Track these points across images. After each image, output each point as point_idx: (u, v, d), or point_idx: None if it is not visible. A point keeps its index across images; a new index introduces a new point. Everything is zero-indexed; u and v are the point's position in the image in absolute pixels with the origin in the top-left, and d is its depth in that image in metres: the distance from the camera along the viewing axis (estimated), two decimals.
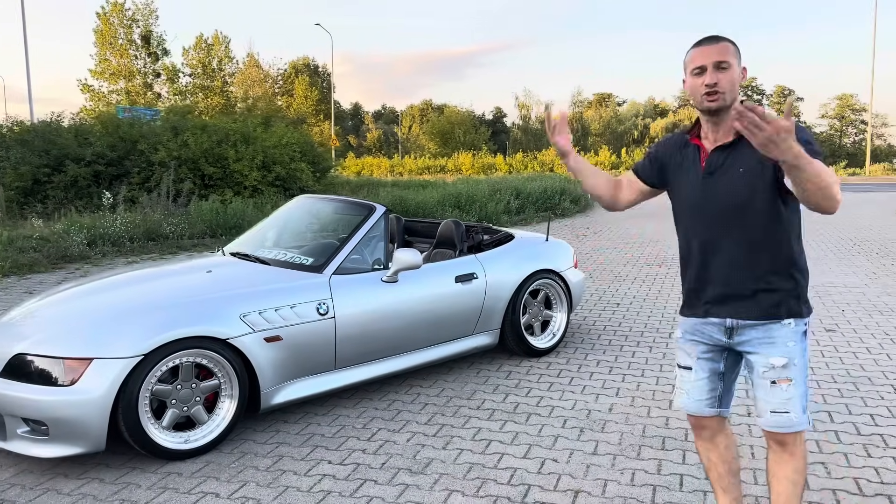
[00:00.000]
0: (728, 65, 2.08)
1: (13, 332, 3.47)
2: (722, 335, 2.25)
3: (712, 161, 2.18)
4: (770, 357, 2.15)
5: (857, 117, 72.69)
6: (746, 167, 2.11)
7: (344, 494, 3.03)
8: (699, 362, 2.32)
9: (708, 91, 2.08)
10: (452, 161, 49.51)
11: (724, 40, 2.12)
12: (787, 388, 2.13)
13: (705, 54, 2.10)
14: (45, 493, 3.09)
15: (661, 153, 2.39)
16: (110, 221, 10.62)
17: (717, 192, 2.16)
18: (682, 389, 2.39)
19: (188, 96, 44.93)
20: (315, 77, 64.15)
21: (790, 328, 2.15)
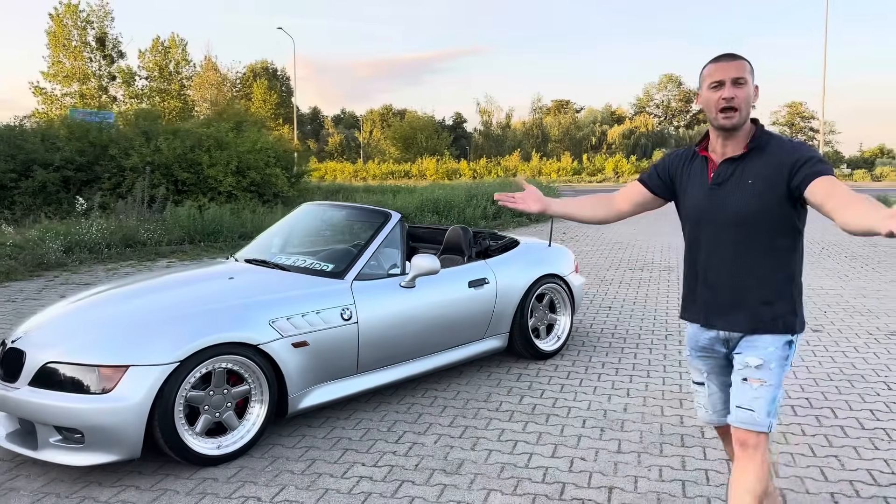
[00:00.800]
0: (745, 81, 2.13)
1: (41, 341, 3.44)
2: (722, 346, 2.31)
3: (721, 172, 2.21)
4: (747, 356, 2.19)
5: (807, 124, 75.06)
6: (756, 179, 2.13)
7: (385, 495, 3.10)
8: (709, 378, 2.40)
9: (724, 106, 2.12)
10: (416, 166, 49.63)
11: (742, 59, 2.17)
12: (757, 388, 2.16)
13: (724, 70, 2.14)
14: (81, 500, 3.08)
15: (669, 165, 2.43)
16: (85, 228, 10.44)
17: (725, 202, 2.19)
18: (700, 404, 2.48)
19: (144, 99, 44.24)
20: (274, 81, 63.65)
21: (774, 339, 2.18)
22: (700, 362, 2.40)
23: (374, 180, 41.46)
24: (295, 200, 15.29)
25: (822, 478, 3.18)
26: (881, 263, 9.29)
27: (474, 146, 70.68)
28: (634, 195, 2.53)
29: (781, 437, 3.61)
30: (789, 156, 2.10)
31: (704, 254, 2.27)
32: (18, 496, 3.13)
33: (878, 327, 5.82)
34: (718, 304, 2.25)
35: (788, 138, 2.20)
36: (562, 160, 50.34)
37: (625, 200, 2.55)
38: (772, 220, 2.13)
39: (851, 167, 51.56)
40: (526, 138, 70.23)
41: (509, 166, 48.17)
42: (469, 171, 47.22)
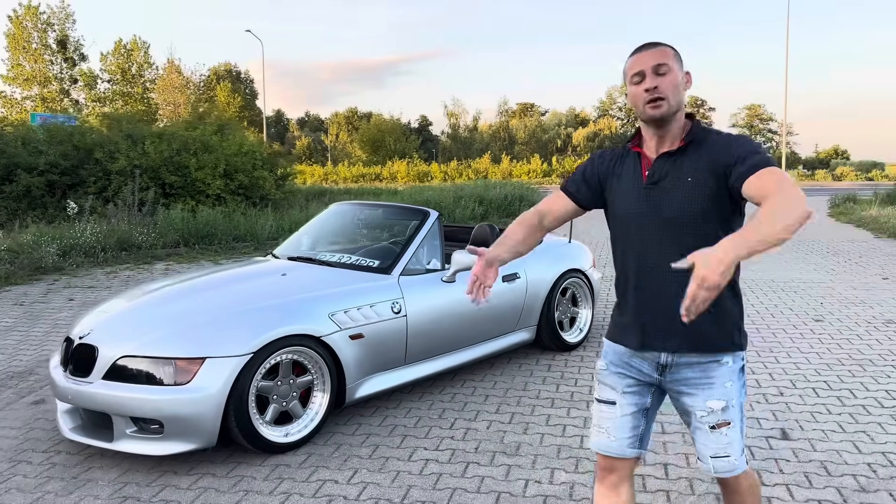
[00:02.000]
0: (668, 68, 1.92)
1: (112, 336, 3.54)
2: (653, 371, 2.05)
3: (656, 169, 1.97)
4: (708, 400, 1.98)
5: (765, 126, 77.01)
6: (695, 177, 1.91)
7: (455, 475, 3.28)
8: (624, 396, 2.09)
9: (650, 98, 1.91)
10: (387, 169, 49.74)
11: (663, 45, 1.97)
12: (727, 433, 1.99)
13: (643, 60, 1.94)
14: (163, 488, 3.20)
15: (598, 168, 2.15)
16: (79, 232, 10.38)
17: (661, 203, 1.95)
18: (601, 428, 2.12)
19: (107, 103, 43.63)
20: (237, 83, 63.17)
21: (728, 367, 1.98)
22: (616, 379, 2.10)
23: (345, 183, 41.45)
24: (281, 203, 15.33)
25: (856, 450, 3.45)
26: (862, 258, 9.74)
27: (442, 149, 71.03)
28: (558, 209, 2.20)
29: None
30: (727, 151, 1.90)
31: (639, 263, 2.02)
32: (98, 486, 3.23)
33: (874, 316, 6.17)
34: (655, 322, 2.00)
35: (724, 132, 2.00)
36: (531, 162, 50.87)
37: (551, 217, 2.20)
38: (715, 220, 1.92)
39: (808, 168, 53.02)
40: (493, 141, 70.82)
41: (480, 168, 48.55)
42: (440, 174, 47.49)
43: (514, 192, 16.70)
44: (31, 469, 3.41)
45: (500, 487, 3.14)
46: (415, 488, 3.15)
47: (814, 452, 3.43)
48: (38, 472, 3.38)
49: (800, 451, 3.45)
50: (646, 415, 2.11)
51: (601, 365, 2.16)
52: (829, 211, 17.36)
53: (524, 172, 47.05)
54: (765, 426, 3.78)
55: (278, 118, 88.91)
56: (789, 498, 2.99)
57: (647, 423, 2.13)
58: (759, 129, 77.19)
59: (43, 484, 3.25)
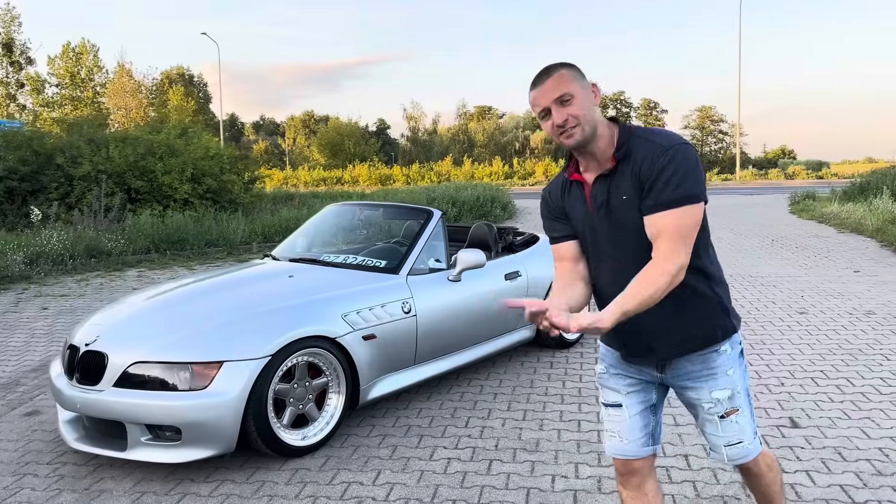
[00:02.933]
0: (570, 95, 1.86)
1: (122, 342, 3.43)
2: (653, 370, 2.06)
3: (596, 193, 1.97)
4: (713, 392, 1.99)
5: (717, 127, 78.78)
6: (628, 193, 1.91)
7: (480, 473, 3.26)
8: (629, 397, 2.09)
9: (561, 132, 1.89)
10: (348, 172, 49.41)
11: (558, 69, 1.90)
12: (737, 420, 2.00)
13: (543, 95, 1.89)
14: (183, 496, 3.12)
15: (555, 205, 2.12)
16: (45, 239, 10.06)
17: (607, 226, 1.96)
18: (612, 432, 2.12)
19: (56, 108, 42.57)
20: (190, 87, 62.10)
21: (727, 355, 1.99)
22: (618, 381, 2.11)
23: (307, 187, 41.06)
24: (250, 207, 15.10)
25: (865, 436, 3.54)
26: (830, 252, 10.03)
27: (402, 152, 70.88)
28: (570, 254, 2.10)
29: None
30: (650, 168, 1.86)
31: (604, 283, 2.02)
32: (112, 497, 3.13)
33: (854, 307, 6.36)
34: (637, 339, 2.00)
35: (651, 135, 1.92)
36: (493, 164, 51.10)
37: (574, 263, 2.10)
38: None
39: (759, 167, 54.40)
40: (453, 143, 70.93)
41: (442, 171, 48.57)
42: (402, 177, 47.37)
43: (486, 193, 16.76)
44: (38, 482, 3.29)
45: (528, 483, 3.14)
46: (442, 487, 3.13)
47: (825, 439, 3.51)
48: (46, 484, 3.26)
49: (812, 439, 3.53)
50: (654, 411, 2.12)
51: (601, 369, 2.16)
52: (791, 208, 17.84)
53: (486, 174, 47.25)
54: (773, 416, 3.86)
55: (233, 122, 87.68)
56: (811, 483, 3.05)
57: (657, 419, 2.13)
58: (711, 129, 78.94)
59: (54, 497, 3.14)
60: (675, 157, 1.84)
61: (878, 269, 8.45)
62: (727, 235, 12.42)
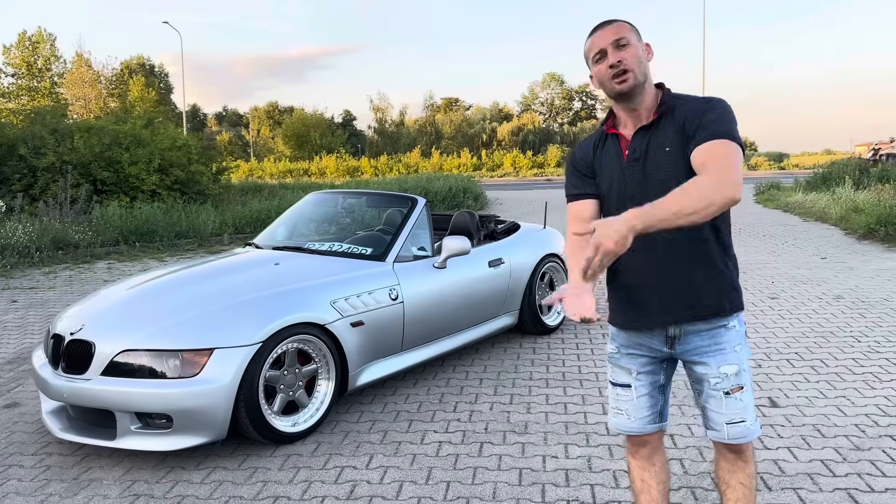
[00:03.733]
0: (627, 41, 1.93)
1: (108, 330, 3.39)
2: (663, 345, 2.06)
3: (635, 146, 1.98)
4: (721, 366, 2.00)
5: None
6: (672, 145, 1.92)
7: (472, 455, 3.30)
8: (639, 378, 2.12)
9: (614, 73, 1.92)
10: (315, 164, 49.02)
11: (618, 20, 1.99)
12: (741, 397, 2.01)
13: (601, 37, 1.96)
14: (175, 484, 3.10)
15: (583, 158, 2.13)
16: (10, 231, 9.82)
17: (645, 177, 1.96)
18: (619, 409, 2.16)
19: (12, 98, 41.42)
20: (151, 77, 60.89)
21: (735, 331, 2.02)
22: (629, 360, 2.12)
23: (272, 179, 40.61)
24: (218, 198, 14.91)
25: (841, 414, 3.66)
26: (797, 240, 10.29)
27: (369, 143, 70.50)
28: (587, 214, 2.09)
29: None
30: (696, 114, 1.90)
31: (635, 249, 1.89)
32: (103, 486, 3.10)
33: (823, 293, 6.54)
34: (652, 300, 2.00)
35: (695, 97, 2.00)
36: (461, 156, 51.17)
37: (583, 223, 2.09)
38: None
39: None
40: (420, 135, 70.78)
41: (410, 163, 48.51)
42: (371, 169, 47.17)
43: (458, 184, 16.79)
44: (25, 472, 3.24)
45: (520, 464, 3.19)
46: (436, 469, 3.16)
47: (804, 417, 3.63)
48: (33, 475, 3.22)
49: (791, 417, 3.64)
50: (661, 391, 2.15)
51: (611, 348, 2.17)
52: (756, 198, 18.20)
53: (454, 166, 47.30)
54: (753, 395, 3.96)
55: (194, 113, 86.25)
56: (794, 459, 3.15)
57: (665, 398, 2.17)
58: None
59: (42, 487, 3.10)
60: (720, 103, 1.91)
61: (844, 256, 8.69)
62: None
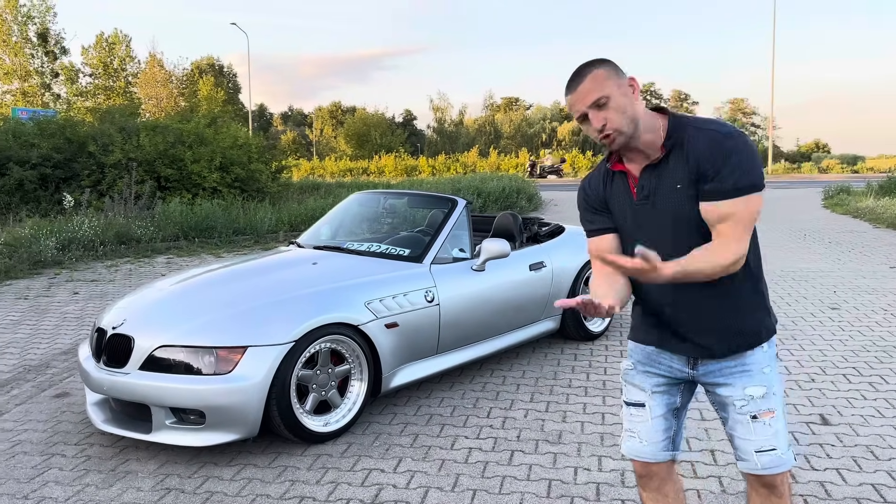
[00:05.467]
0: (605, 98, 1.78)
1: (148, 326, 3.47)
2: (684, 365, 1.95)
3: (643, 184, 1.88)
4: (747, 388, 1.87)
5: (749, 120, 77.51)
6: (682, 182, 1.82)
7: (501, 463, 3.24)
8: (654, 397, 2.01)
9: (602, 136, 1.82)
10: (374, 163, 49.55)
11: (591, 68, 1.81)
12: (771, 423, 1.87)
13: (579, 100, 1.81)
14: (206, 479, 3.14)
15: (595, 193, 2.03)
16: (77, 225, 10.22)
17: (655, 217, 1.87)
18: (633, 432, 2.04)
19: (89, 97, 43.13)
20: (220, 77, 62.59)
21: (763, 352, 1.89)
22: (644, 378, 2.02)
23: (333, 177, 41.22)
24: (277, 196, 15.20)
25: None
26: (865, 247, 9.82)
27: (428, 143, 70.87)
28: (606, 248, 2.01)
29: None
30: (711, 159, 1.77)
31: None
32: (138, 478, 3.16)
33: (889, 304, 6.21)
34: (682, 328, 1.91)
35: (705, 124, 1.85)
36: (520, 156, 50.86)
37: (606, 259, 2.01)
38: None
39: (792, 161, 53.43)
40: (479, 135, 70.71)
41: (467, 162, 48.49)
42: (428, 168, 47.37)
43: (511, 184, 16.68)
44: (66, 462, 3.34)
45: (550, 475, 3.12)
46: (463, 476, 3.12)
47: (857, 437, 3.43)
48: (73, 464, 3.31)
49: (843, 436, 3.45)
50: (676, 415, 2.04)
51: (627, 365, 2.07)
52: (824, 202, 17.50)
53: (512, 166, 47.06)
54: (803, 412, 3.78)
55: (261, 112, 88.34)
56: (842, 482, 2.98)
57: (679, 424, 2.06)
58: (743, 122, 77.71)
59: (81, 477, 3.18)
60: (738, 144, 1.77)
61: None
62: (757, 229, 12.20)
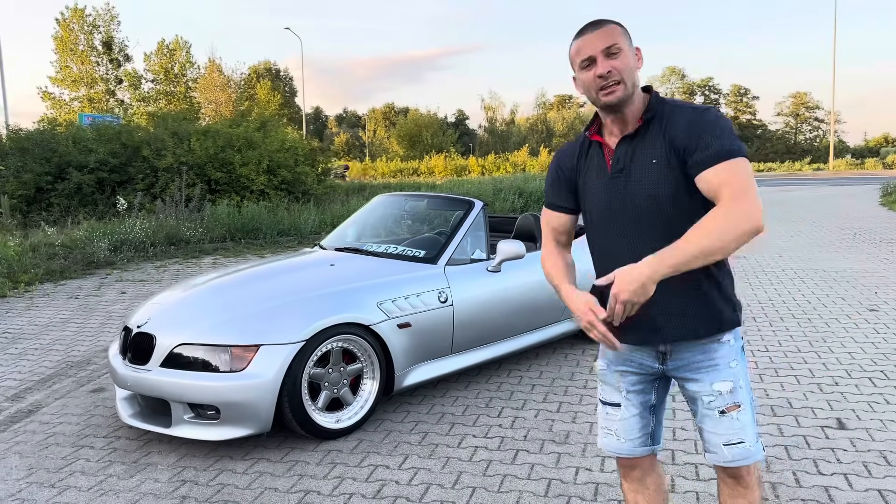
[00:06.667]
0: (619, 49, 1.79)
1: (169, 325, 3.64)
2: (654, 361, 1.95)
3: (619, 156, 1.87)
4: (714, 383, 1.88)
5: (812, 115, 75.00)
6: (659, 157, 1.80)
7: (505, 462, 3.29)
8: (629, 396, 2.01)
9: (603, 84, 1.79)
10: (424, 163, 49.91)
11: (609, 23, 1.83)
12: (738, 416, 1.88)
13: (591, 43, 1.80)
14: (220, 472, 3.28)
15: (564, 168, 2.03)
16: (129, 227, 10.66)
17: (629, 190, 1.84)
18: (609, 430, 2.06)
19: (151, 102, 44.53)
20: (277, 81, 63.90)
21: (730, 346, 1.89)
22: (618, 377, 2.02)
23: (384, 178, 41.69)
24: (322, 198, 15.51)
25: None
26: None
27: (479, 143, 70.88)
28: (559, 225, 2.08)
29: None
30: (689, 130, 1.76)
31: (614, 258, 1.87)
32: (157, 470, 3.33)
33: None
34: (640, 318, 1.83)
35: (688, 104, 1.85)
36: None
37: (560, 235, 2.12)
38: (687, 201, 1.79)
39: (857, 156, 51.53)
40: (531, 134, 70.38)
41: (518, 161, 48.36)
42: (478, 168, 47.44)
43: None
44: (93, 453, 3.53)
45: (551, 475, 3.15)
46: (465, 474, 3.18)
47: (872, 442, 3.36)
48: (100, 456, 3.50)
49: (858, 441, 3.38)
50: (653, 411, 2.05)
51: (601, 365, 2.08)
52: (882, 200, 16.87)
53: None
54: (820, 416, 3.71)
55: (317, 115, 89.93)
56: (847, 487, 2.93)
57: (657, 420, 2.06)
58: (806, 117, 75.26)
59: (105, 468, 3.36)
60: (717, 115, 1.77)
61: None
62: (806, 228, 11.89)
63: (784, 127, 75.68)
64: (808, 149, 70.00)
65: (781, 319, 5.75)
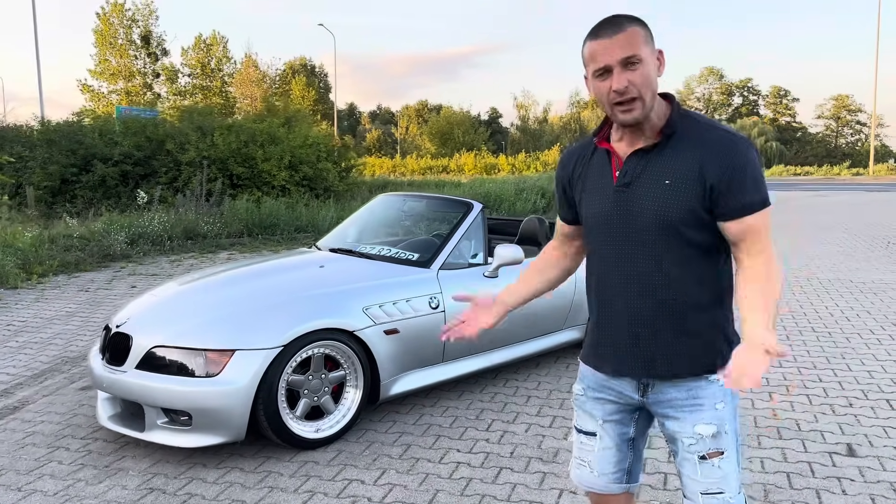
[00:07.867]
0: (639, 59, 1.57)
1: (146, 326, 3.54)
2: (634, 392, 1.79)
3: (628, 169, 1.69)
4: (696, 425, 1.71)
5: (853, 118, 73.18)
6: (674, 179, 1.63)
7: (486, 481, 3.12)
8: (605, 427, 1.86)
9: (619, 101, 1.59)
10: (454, 161, 49.76)
11: (630, 23, 1.60)
12: (720, 464, 1.71)
13: (608, 51, 1.58)
14: (190, 481, 3.16)
15: (562, 178, 1.89)
16: (147, 221, 10.68)
17: (634, 208, 1.68)
18: (582, 461, 1.91)
19: (188, 96, 45.06)
20: (312, 77, 64.29)
21: (718, 385, 1.72)
22: (596, 406, 1.87)
23: (413, 175, 41.66)
24: (344, 195, 15.45)
25: None
26: None
27: (511, 141, 70.55)
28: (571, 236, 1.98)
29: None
30: (717, 161, 1.60)
31: (608, 277, 1.76)
32: (128, 476, 3.22)
33: None
34: (628, 346, 1.74)
35: (712, 123, 1.68)
36: None
37: (570, 245, 2.00)
38: (696, 228, 1.65)
39: None
40: (563, 132, 69.83)
41: (548, 160, 47.95)
42: (508, 167, 47.13)
43: None
44: (67, 455, 3.45)
45: (532, 497, 2.98)
46: (442, 493, 3.02)
47: (883, 472, 3.12)
48: (73, 458, 3.41)
49: (867, 471, 3.14)
50: (631, 446, 1.89)
51: (578, 390, 1.93)
52: None
53: None
54: (829, 440, 3.47)
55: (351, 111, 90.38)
56: None
57: (635, 456, 1.90)
58: (847, 120, 73.44)
59: (76, 471, 3.27)
60: (753, 154, 1.63)
61: None
62: (837, 236, 11.47)
63: (825, 130, 73.95)
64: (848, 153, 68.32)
65: (800, 333, 5.48)
